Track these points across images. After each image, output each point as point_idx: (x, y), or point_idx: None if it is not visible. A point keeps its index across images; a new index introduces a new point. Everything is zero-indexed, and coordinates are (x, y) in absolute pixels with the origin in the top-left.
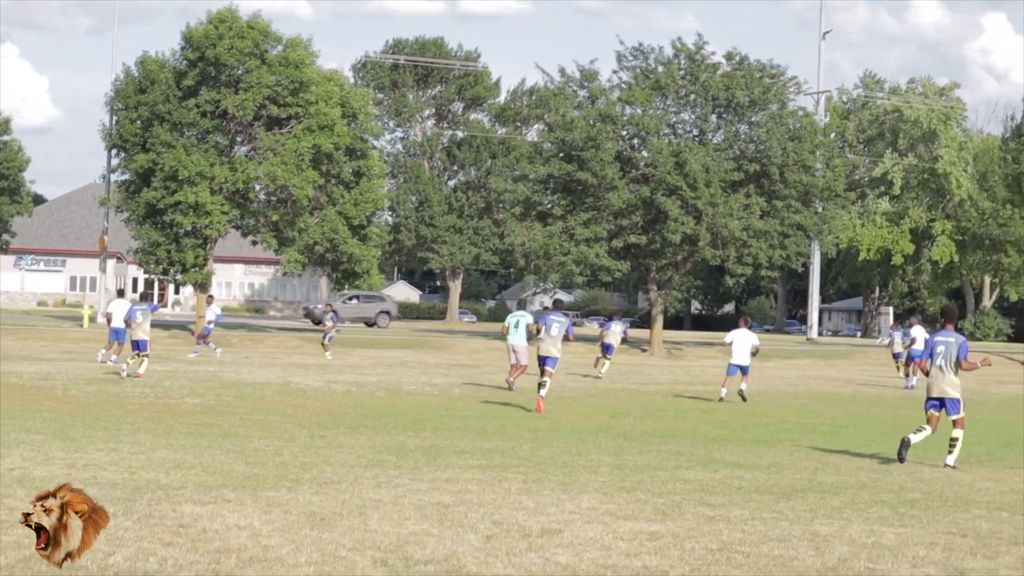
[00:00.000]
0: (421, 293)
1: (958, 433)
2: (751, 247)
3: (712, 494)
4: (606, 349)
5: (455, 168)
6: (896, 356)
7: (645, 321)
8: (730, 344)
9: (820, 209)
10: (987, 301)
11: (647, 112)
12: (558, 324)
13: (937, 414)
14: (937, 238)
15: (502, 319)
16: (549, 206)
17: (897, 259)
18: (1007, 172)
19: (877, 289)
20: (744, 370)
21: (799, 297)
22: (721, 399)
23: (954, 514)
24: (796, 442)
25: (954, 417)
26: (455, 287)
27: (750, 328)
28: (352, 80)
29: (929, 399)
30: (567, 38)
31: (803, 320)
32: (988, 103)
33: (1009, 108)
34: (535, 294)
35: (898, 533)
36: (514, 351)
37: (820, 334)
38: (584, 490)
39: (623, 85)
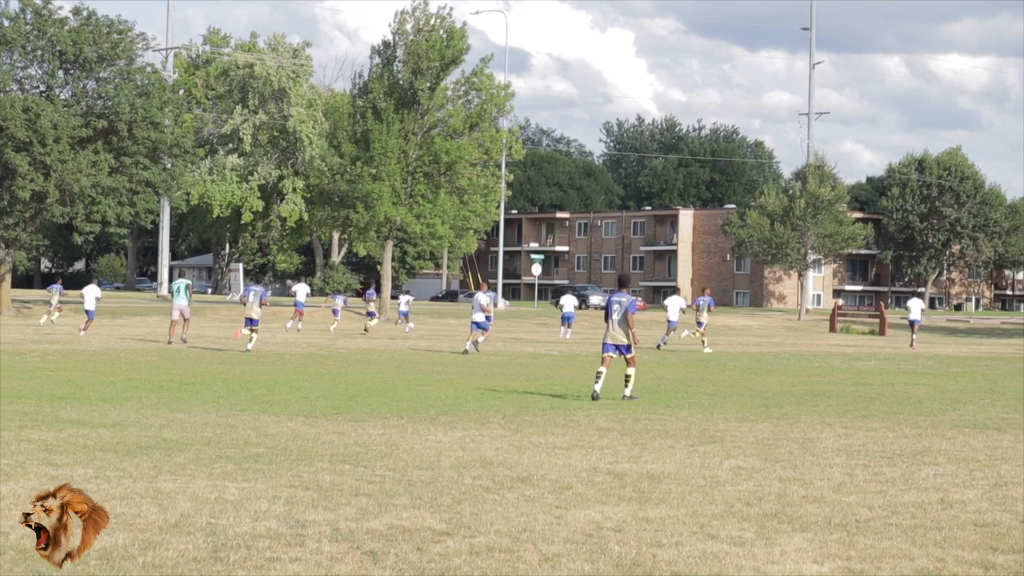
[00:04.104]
0: None
1: (631, 370)
2: (100, 204)
3: (56, 453)
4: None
5: None
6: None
7: None
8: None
9: (169, 165)
10: (336, 257)
11: None
12: (255, 292)
13: (613, 356)
14: (287, 195)
15: None
16: None
17: (247, 216)
18: (355, 129)
19: (228, 246)
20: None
21: (150, 254)
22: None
23: (297, 467)
24: (143, 400)
25: (628, 356)
26: None
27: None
28: None
29: (605, 345)
30: None
31: (154, 277)
32: (338, 61)
33: (357, 66)
34: None
35: (241, 488)
36: (175, 310)
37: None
38: None
39: None
